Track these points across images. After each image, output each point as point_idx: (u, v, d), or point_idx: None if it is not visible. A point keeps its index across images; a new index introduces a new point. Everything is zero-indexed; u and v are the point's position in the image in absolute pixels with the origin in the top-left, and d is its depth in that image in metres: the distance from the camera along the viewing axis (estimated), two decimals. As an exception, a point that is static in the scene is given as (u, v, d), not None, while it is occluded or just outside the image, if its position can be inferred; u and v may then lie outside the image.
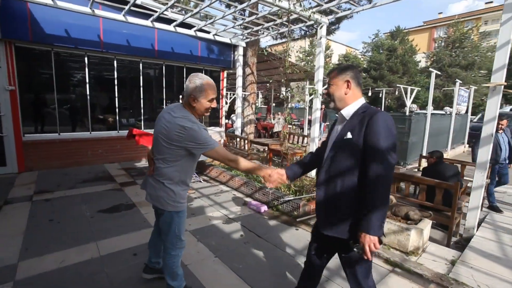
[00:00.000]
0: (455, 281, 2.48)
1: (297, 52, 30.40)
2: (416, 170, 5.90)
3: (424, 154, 8.22)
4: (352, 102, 1.54)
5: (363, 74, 27.96)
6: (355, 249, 1.41)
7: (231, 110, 12.48)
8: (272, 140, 8.05)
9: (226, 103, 10.42)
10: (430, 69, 7.93)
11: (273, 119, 12.34)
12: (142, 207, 3.86)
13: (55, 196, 4.17)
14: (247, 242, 3.03)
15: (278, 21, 5.77)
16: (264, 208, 4.02)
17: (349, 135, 1.45)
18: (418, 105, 24.44)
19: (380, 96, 20.84)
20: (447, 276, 2.56)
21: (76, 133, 6.08)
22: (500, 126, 4.83)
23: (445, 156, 9.58)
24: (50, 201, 3.97)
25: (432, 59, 28.04)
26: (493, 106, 3.44)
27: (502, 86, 3.40)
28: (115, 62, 6.29)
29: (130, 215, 3.60)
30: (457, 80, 10.27)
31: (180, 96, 6.81)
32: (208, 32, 6.65)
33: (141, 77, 6.75)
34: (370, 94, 22.07)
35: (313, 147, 5.53)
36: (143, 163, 6.54)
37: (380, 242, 1.35)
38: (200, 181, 5.27)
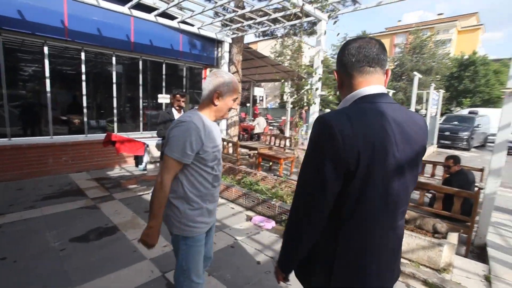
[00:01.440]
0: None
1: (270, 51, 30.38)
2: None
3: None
4: (344, 98, 1.03)
5: (333, 76, 28.72)
6: None
7: None
8: (260, 144, 7.59)
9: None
10: (414, 72, 8.09)
11: (253, 121, 11.87)
12: (128, 230, 3.16)
13: (7, 220, 3.27)
14: (268, 271, 2.54)
15: (273, 16, 5.34)
16: (272, 224, 3.55)
17: None
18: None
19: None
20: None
21: (32, 137, 5.05)
22: None
23: (429, 153, 9.96)
24: (1, 228, 3.09)
25: (395, 63, 29.75)
26: (510, 111, 3.37)
27: (518, 91, 3.33)
28: (82, 54, 5.36)
29: (114, 243, 2.89)
30: (432, 83, 10.73)
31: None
32: (192, 25, 5.99)
33: (114, 72, 5.86)
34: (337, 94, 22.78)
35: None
36: (118, 171, 5.68)
37: (284, 279, 1.07)
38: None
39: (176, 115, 3.50)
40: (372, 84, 0.97)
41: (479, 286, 2.57)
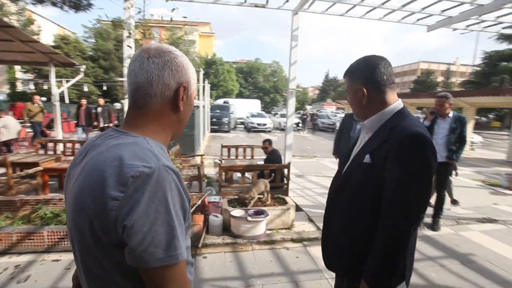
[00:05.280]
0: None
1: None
2: (220, 161, 6.68)
3: (201, 143, 9.43)
4: (377, 112, 1.11)
5: (92, 64, 24.97)
6: None
7: None
8: (36, 156, 5.24)
9: None
10: (201, 69, 9.01)
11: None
12: None
13: None
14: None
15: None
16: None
17: (367, 159, 1.08)
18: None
19: (116, 88, 20.56)
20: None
21: None
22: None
23: (206, 138, 11.60)
24: None
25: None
26: (291, 104, 4.90)
27: (295, 91, 4.93)
28: None
29: None
30: (206, 80, 12.48)
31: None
32: None
33: None
34: (105, 88, 21.08)
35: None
36: None
37: None
38: None
39: None
40: (398, 98, 1.14)
41: (314, 227, 3.69)
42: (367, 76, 1.10)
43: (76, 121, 8.91)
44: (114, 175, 0.58)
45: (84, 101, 8.99)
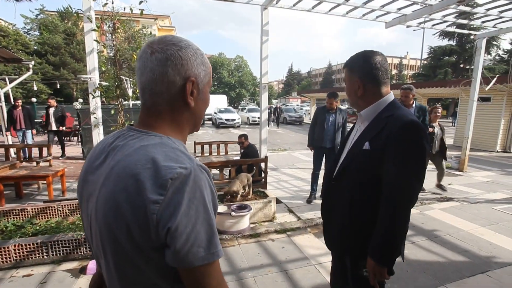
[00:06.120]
0: (314, 222, 3.62)
1: None
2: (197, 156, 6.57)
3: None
4: (373, 103, 1.20)
5: (38, 60, 22.61)
6: (364, 272, 1.23)
7: None
8: (-12, 163, 4.67)
9: None
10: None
11: None
12: None
13: None
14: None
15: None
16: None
17: (367, 146, 1.17)
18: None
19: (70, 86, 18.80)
20: (311, 219, 3.65)
21: None
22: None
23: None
24: None
25: (116, 51, 29.08)
26: (265, 99, 4.96)
27: (267, 85, 4.99)
28: None
29: None
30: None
31: None
32: None
33: None
34: (58, 86, 19.21)
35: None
36: None
37: (390, 273, 1.16)
38: None
39: None
40: (390, 91, 1.25)
41: (294, 218, 3.81)
42: (365, 71, 1.19)
43: (11, 124, 7.37)
44: (150, 178, 0.56)
45: (19, 101, 7.88)
